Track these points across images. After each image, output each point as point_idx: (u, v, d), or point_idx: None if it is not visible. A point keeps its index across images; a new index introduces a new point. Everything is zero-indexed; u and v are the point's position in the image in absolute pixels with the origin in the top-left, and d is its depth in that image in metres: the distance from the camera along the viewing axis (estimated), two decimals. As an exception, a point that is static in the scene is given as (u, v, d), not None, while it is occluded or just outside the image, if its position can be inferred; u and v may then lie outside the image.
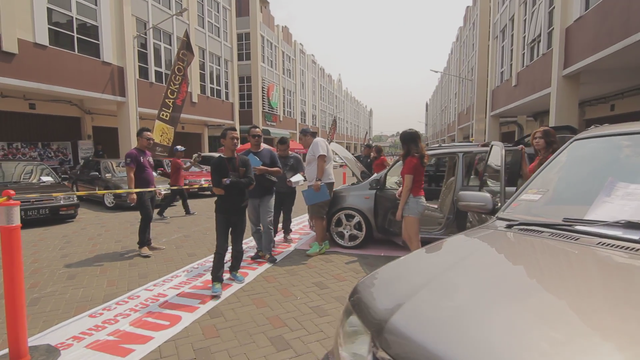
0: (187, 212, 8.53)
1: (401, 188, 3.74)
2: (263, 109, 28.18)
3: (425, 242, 3.98)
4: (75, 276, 4.15)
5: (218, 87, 21.94)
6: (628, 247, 1.25)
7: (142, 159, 4.99)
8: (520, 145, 4.07)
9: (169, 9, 17.05)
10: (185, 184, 9.05)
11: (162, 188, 9.93)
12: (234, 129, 3.72)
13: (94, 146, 15.03)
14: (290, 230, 5.85)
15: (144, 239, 5.04)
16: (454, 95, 36.91)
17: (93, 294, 3.61)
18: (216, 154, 10.88)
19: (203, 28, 20.18)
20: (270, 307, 3.23)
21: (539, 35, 12.68)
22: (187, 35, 11.33)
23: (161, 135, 11.47)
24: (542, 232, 1.50)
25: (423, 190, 3.79)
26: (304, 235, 6.09)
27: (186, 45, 11.65)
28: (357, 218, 5.00)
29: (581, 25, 9.50)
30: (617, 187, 1.48)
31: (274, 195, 4.65)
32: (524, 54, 14.54)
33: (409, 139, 3.68)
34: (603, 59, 8.46)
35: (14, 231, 2.32)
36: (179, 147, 8.72)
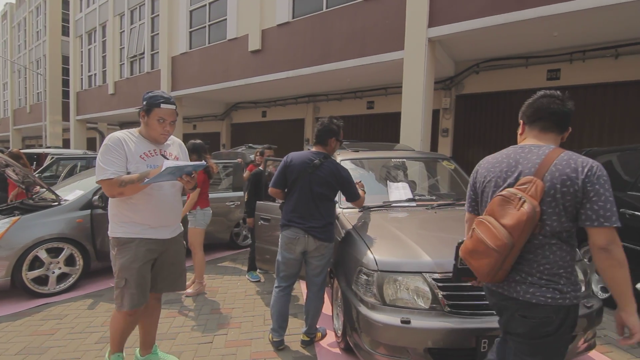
0: None
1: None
2: None
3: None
4: None
5: None
6: (415, 206, 2.92)
7: None
8: (239, 159, 5.11)
9: None
10: None
11: None
12: None
13: None
14: None
15: None
16: (2, 86, 29.11)
17: None
18: None
19: None
20: None
21: (142, 53, 13.77)
22: None
23: None
24: (381, 209, 2.86)
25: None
26: None
27: None
28: (68, 251, 3.80)
29: (187, 59, 11.72)
30: (393, 185, 3.13)
31: None
32: (122, 64, 14.98)
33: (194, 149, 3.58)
34: (199, 93, 11.22)
35: None
36: None
